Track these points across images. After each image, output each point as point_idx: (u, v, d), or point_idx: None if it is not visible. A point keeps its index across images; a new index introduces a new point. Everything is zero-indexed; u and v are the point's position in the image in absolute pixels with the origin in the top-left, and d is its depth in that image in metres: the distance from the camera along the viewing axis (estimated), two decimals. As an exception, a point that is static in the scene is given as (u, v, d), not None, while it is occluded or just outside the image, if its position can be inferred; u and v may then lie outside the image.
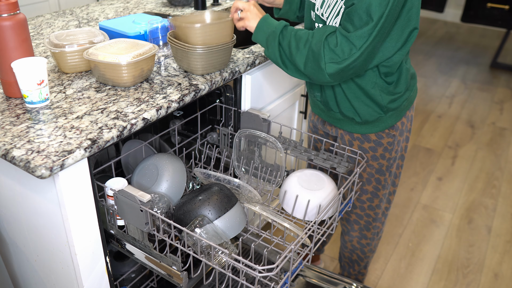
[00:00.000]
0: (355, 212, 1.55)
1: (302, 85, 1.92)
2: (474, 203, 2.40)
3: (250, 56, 1.50)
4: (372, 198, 1.49)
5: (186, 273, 1.06)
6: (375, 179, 1.45)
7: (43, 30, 1.70)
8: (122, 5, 2.07)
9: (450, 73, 4.06)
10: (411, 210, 2.33)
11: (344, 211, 1.26)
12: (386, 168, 1.43)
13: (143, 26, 1.46)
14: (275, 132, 1.80)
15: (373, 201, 1.50)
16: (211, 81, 1.29)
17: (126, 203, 1.04)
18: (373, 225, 1.57)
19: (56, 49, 1.25)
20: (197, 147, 1.55)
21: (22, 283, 1.35)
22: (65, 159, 0.92)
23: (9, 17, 1.06)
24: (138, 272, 1.51)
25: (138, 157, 1.42)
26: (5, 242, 1.28)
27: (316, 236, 1.12)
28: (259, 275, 0.93)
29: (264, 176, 1.43)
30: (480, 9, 3.98)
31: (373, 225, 1.56)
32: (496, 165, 2.73)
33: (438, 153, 2.84)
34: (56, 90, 1.21)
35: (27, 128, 1.03)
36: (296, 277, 1.57)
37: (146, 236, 1.10)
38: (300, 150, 1.37)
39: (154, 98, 1.18)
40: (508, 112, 3.40)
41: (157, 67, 1.38)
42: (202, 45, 1.26)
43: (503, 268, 1.99)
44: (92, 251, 1.10)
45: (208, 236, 1.05)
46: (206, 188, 1.17)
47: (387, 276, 1.94)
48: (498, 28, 4.80)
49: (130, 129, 1.06)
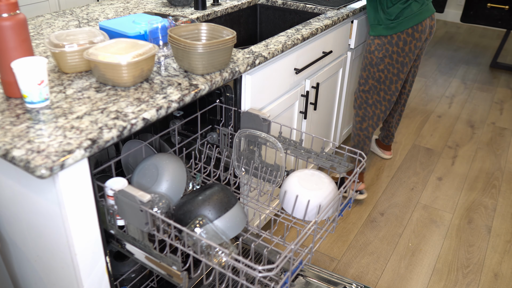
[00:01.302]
0: (356, 92, 2.23)
1: (302, 85, 1.92)
2: (474, 203, 2.40)
3: (250, 56, 1.50)
4: (365, 83, 2.16)
5: (186, 273, 1.06)
6: (368, 69, 2.12)
7: (43, 30, 1.70)
8: (122, 5, 2.07)
9: (450, 73, 4.06)
10: (411, 210, 2.33)
11: (344, 211, 1.26)
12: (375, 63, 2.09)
13: (143, 26, 1.47)
14: (275, 132, 1.80)
15: (365, 86, 2.16)
16: (211, 81, 1.29)
17: (126, 203, 1.04)
18: (364, 107, 2.21)
19: (56, 49, 1.25)
20: (197, 147, 1.55)
21: (22, 283, 1.35)
22: (65, 159, 0.92)
23: (9, 17, 1.06)
24: (138, 272, 1.51)
25: (138, 157, 1.43)
26: (5, 242, 1.28)
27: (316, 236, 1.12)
28: (259, 275, 0.93)
29: (264, 176, 1.43)
30: (480, 9, 3.98)
31: (364, 106, 2.21)
32: (496, 165, 2.73)
33: (438, 153, 2.84)
34: (56, 90, 1.21)
35: (27, 128, 1.03)
36: (296, 277, 1.57)
37: (146, 236, 1.10)
38: (300, 150, 1.37)
39: (154, 98, 1.18)
40: (508, 112, 3.40)
41: (157, 67, 1.38)
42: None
43: (503, 268, 2.00)
44: (92, 251, 1.10)
45: (208, 236, 1.05)
46: (206, 188, 1.17)
47: (387, 276, 1.94)
48: (498, 28, 4.80)
49: (130, 129, 1.07)
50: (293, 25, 2.31)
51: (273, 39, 1.69)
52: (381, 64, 2.07)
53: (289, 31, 1.80)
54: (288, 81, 1.80)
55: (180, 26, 1.39)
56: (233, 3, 2.19)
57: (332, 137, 2.51)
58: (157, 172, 1.22)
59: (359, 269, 1.96)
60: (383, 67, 2.07)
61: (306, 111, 1.97)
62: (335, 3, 2.26)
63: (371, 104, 2.19)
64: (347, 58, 2.31)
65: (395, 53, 2.04)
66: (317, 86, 1.97)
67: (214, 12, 2.05)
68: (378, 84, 2.13)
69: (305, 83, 1.95)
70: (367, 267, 1.98)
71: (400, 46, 2.02)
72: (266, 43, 1.65)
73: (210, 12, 2.03)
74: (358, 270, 1.96)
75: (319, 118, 2.22)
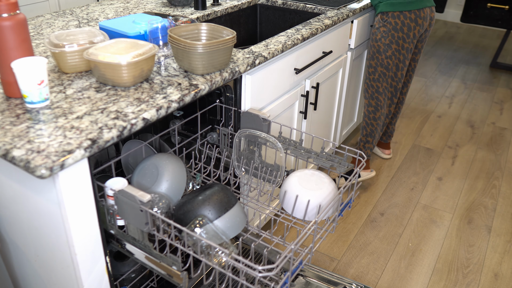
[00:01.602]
0: (366, 82, 2.29)
1: (302, 85, 1.92)
2: (474, 203, 2.40)
3: (250, 56, 1.50)
4: (374, 71, 2.21)
5: (186, 273, 1.06)
6: (376, 57, 2.18)
7: (43, 30, 1.70)
8: (122, 5, 2.07)
9: (450, 73, 4.06)
10: (411, 210, 2.33)
11: (344, 211, 1.26)
12: (382, 50, 2.15)
13: (143, 26, 1.47)
14: (275, 132, 1.80)
15: (375, 74, 2.22)
16: (211, 81, 1.29)
17: (126, 203, 1.04)
18: (376, 96, 2.27)
19: (56, 49, 1.25)
20: (197, 147, 1.55)
21: (22, 283, 1.35)
22: (65, 159, 0.92)
23: (9, 17, 1.06)
24: (138, 272, 1.51)
25: (138, 157, 1.43)
26: (5, 242, 1.28)
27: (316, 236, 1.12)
28: (259, 275, 0.93)
29: (264, 176, 1.43)
30: (480, 9, 3.98)
31: (376, 95, 2.27)
32: (496, 165, 2.73)
33: (438, 153, 2.84)
34: (56, 90, 1.21)
35: (27, 128, 1.03)
36: (296, 277, 1.57)
37: (146, 236, 1.10)
38: (300, 150, 1.37)
39: (154, 98, 1.18)
40: (508, 112, 3.40)
41: (157, 67, 1.38)
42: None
43: (503, 268, 2.00)
44: (92, 251, 1.10)
45: (208, 236, 1.05)
46: (206, 188, 1.17)
47: (387, 276, 1.94)
48: (498, 28, 4.80)
49: (130, 129, 1.07)
50: (293, 25, 2.31)
51: (273, 39, 1.69)
52: (388, 51, 2.14)
53: (289, 31, 1.80)
54: (288, 81, 1.80)
55: (180, 26, 1.40)
56: (233, 3, 2.19)
57: (332, 137, 2.51)
58: (157, 172, 1.22)
59: (359, 269, 1.96)
60: (390, 53, 2.14)
61: (306, 111, 1.97)
62: (335, 3, 2.26)
63: (382, 92, 2.26)
64: (347, 58, 2.31)
65: (400, 38, 2.11)
66: (317, 86, 1.97)
67: (214, 12, 2.05)
68: (386, 71, 2.19)
69: (305, 83, 1.95)
70: (367, 267, 1.98)
71: (405, 31, 2.09)
72: (266, 43, 1.65)
73: (210, 12, 2.03)
74: (358, 270, 1.96)
75: (319, 118, 2.22)
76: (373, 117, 2.35)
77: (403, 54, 2.15)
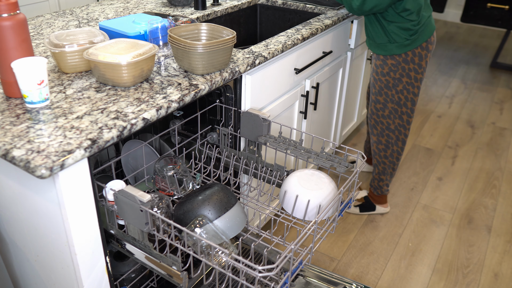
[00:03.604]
0: (373, 118, 2.04)
1: (302, 85, 1.92)
2: (474, 203, 2.40)
3: (250, 56, 1.50)
4: (384, 108, 1.97)
5: (186, 273, 1.06)
6: (384, 92, 1.94)
7: (43, 30, 1.70)
8: (122, 5, 2.07)
9: (450, 73, 4.07)
10: (411, 210, 2.33)
11: (344, 211, 1.26)
12: (392, 85, 1.91)
13: (143, 26, 1.46)
14: (275, 132, 1.80)
15: (384, 110, 1.98)
16: (211, 81, 1.29)
17: (126, 203, 1.04)
18: (386, 133, 2.03)
19: (56, 49, 1.25)
20: (197, 147, 1.55)
21: (22, 283, 1.35)
22: (65, 159, 0.92)
23: (9, 17, 1.06)
24: (138, 272, 1.51)
25: (138, 157, 1.42)
26: (5, 242, 1.28)
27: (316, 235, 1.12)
28: (259, 275, 0.93)
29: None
30: (480, 9, 3.98)
31: (386, 133, 2.03)
32: (496, 165, 2.73)
33: (438, 153, 2.84)
34: (56, 90, 1.21)
35: (27, 128, 1.03)
36: (296, 277, 1.57)
37: (146, 236, 1.10)
38: (300, 150, 1.37)
39: (154, 98, 1.18)
40: (508, 112, 3.40)
41: (157, 67, 1.38)
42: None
43: (503, 268, 1.99)
44: (92, 251, 1.10)
45: (208, 236, 1.05)
46: (206, 188, 1.17)
47: (387, 276, 1.94)
48: (498, 28, 4.80)
49: (130, 129, 1.07)
50: (293, 25, 2.31)
51: (273, 39, 1.69)
52: (399, 85, 1.89)
53: (289, 31, 1.80)
54: (288, 81, 1.80)
55: (180, 26, 1.40)
56: (233, 3, 2.19)
57: (332, 137, 2.51)
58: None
59: (359, 269, 1.96)
60: (401, 87, 1.90)
61: (306, 111, 1.97)
62: (335, 3, 2.26)
63: (394, 130, 2.01)
64: (347, 58, 2.31)
65: (412, 70, 1.86)
66: (317, 86, 1.97)
67: (214, 12, 2.05)
68: (399, 107, 1.95)
69: (305, 83, 1.95)
70: (367, 267, 1.98)
71: (417, 62, 1.85)
72: (266, 43, 1.65)
73: (210, 12, 2.03)
74: (358, 270, 1.96)
75: (319, 118, 2.22)
76: (384, 155, 2.10)
77: (417, 86, 1.90)
